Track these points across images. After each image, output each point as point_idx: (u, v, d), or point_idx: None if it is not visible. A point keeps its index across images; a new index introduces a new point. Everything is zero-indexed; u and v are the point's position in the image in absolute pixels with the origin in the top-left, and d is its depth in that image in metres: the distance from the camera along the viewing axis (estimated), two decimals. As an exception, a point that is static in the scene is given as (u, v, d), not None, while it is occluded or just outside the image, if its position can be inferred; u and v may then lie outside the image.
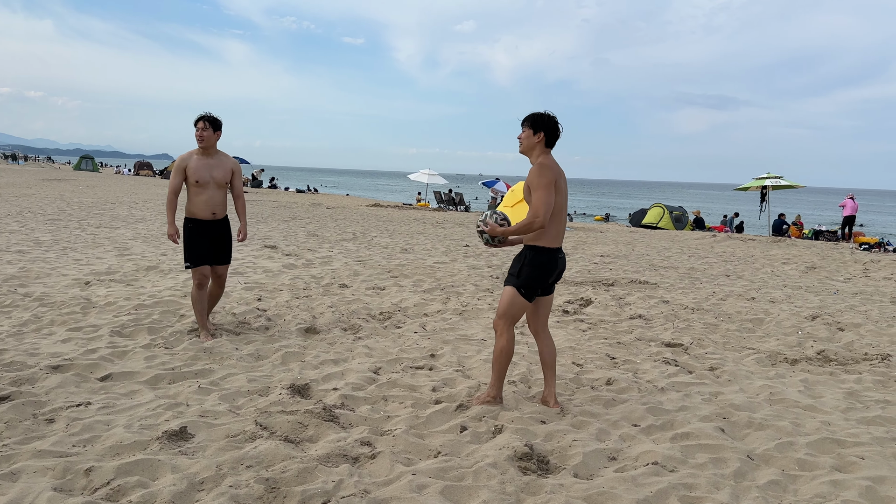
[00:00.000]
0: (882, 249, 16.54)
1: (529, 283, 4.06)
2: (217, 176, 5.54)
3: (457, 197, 32.22)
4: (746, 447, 3.78)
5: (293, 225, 16.61)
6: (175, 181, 5.49)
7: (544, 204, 3.86)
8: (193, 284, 5.60)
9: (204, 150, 5.54)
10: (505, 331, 4.12)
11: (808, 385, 5.00)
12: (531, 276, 4.04)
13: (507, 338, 4.13)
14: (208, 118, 5.52)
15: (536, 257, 4.03)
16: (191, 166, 5.46)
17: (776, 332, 6.70)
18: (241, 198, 5.90)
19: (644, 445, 3.73)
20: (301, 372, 4.85)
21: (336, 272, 9.28)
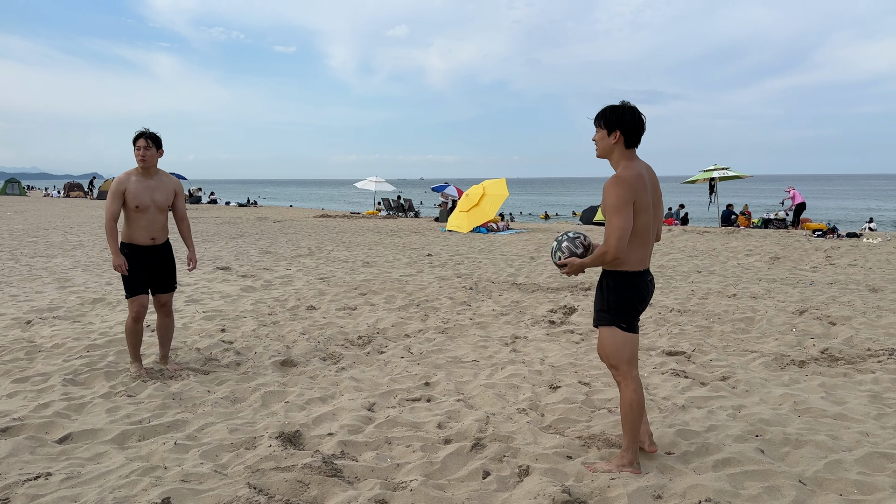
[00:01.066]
0: (835, 235, 16.81)
1: (625, 312, 3.36)
2: (159, 199, 5.03)
3: (406, 203, 31.74)
4: (794, 470, 3.47)
5: (242, 242, 15.86)
6: (114, 206, 4.92)
7: (617, 231, 3.16)
8: (129, 317, 5.07)
9: (144, 171, 5.00)
10: (627, 378, 3.39)
11: (827, 390, 4.75)
12: (623, 304, 3.35)
13: (634, 387, 3.39)
14: (149, 135, 4.97)
15: (623, 284, 3.34)
16: (130, 190, 4.91)
17: (771, 332, 6.48)
18: (186, 220, 5.36)
19: (688, 478, 3.37)
20: (287, 415, 4.33)
21: (300, 293, 8.72)
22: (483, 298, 8.39)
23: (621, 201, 3.19)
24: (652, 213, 3.35)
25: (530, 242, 16.19)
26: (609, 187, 3.25)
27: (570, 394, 4.67)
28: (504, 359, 5.62)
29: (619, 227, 3.17)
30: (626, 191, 3.21)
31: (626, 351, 3.40)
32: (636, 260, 3.33)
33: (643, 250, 3.34)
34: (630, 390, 3.39)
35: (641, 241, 3.32)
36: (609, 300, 3.38)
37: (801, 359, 5.52)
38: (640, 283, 3.36)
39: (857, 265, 11.42)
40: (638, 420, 3.41)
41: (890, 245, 14.77)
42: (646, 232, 3.33)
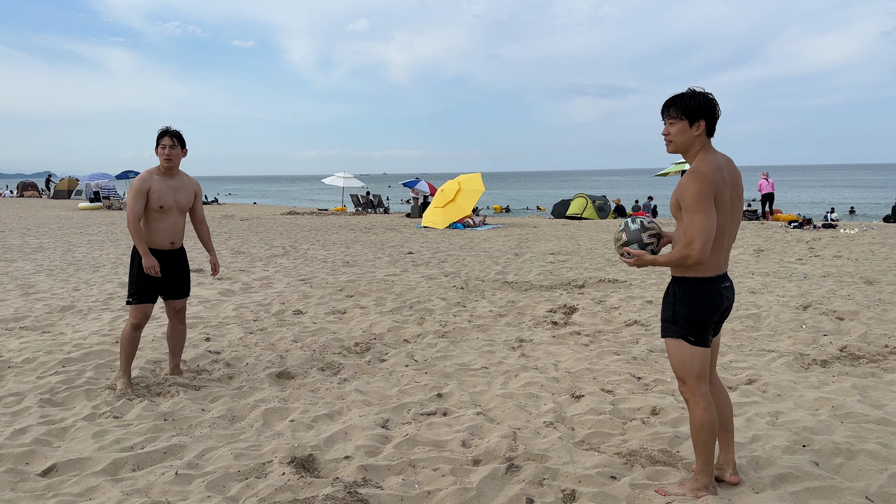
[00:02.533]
0: (812, 226, 16.92)
1: (694, 324, 3.00)
2: (181, 200, 4.79)
3: (375, 199, 31.27)
4: (857, 485, 3.22)
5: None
6: (138, 206, 4.63)
7: (703, 231, 2.79)
8: (129, 323, 4.73)
9: (167, 171, 4.75)
10: (696, 396, 3.04)
11: (861, 392, 4.55)
12: (693, 316, 2.99)
13: (703, 405, 3.03)
14: (175, 133, 4.73)
15: (692, 292, 2.99)
16: (154, 189, 4.65)
17: (782, 329, 6.30)
18: (205, 223, 5.12)
19: (749, 499, 3.10)
20: (294, 436, 3.96)
21: (283, 296, 8.29)
22: (477, 298, 8.08)
23: (703, 197, 2.82)
24: (730, 213, 2.99)
25: (510, 238, 15.93)
26: (687, 183, 2.88)
27: (596, 403, 4.38)
28: (515, 365, 5.32)
29: (704, 227, 2.80)
30: (708, 185, 2.84)
31: (694, 366, 3.02)
32: (711, 264, 2.97)
33: (718, 254, 2.98)
34: (700, 409, 3.04)
35: (718, 243, 2.97)
36: (676, 310, 3.03)
37: (823, 358, 5.33)
38: (714, 291, 2.99)
39: (842, 256, 11.41)
40: (710, 440, 3.06)
41: (868, 235, 14.88)
42: (722, 235, 2.97)
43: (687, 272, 3.00)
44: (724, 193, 2.91)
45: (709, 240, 2.81)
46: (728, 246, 3.05)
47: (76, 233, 17.94)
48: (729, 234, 3.03)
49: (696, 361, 3.03)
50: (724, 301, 3.04)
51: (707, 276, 2.99)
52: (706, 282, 2.99)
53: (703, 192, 2.83)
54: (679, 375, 3.09)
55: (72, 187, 44.50)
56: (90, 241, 15.67)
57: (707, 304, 2.99)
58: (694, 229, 2.82)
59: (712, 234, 2.82)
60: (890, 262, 10.62)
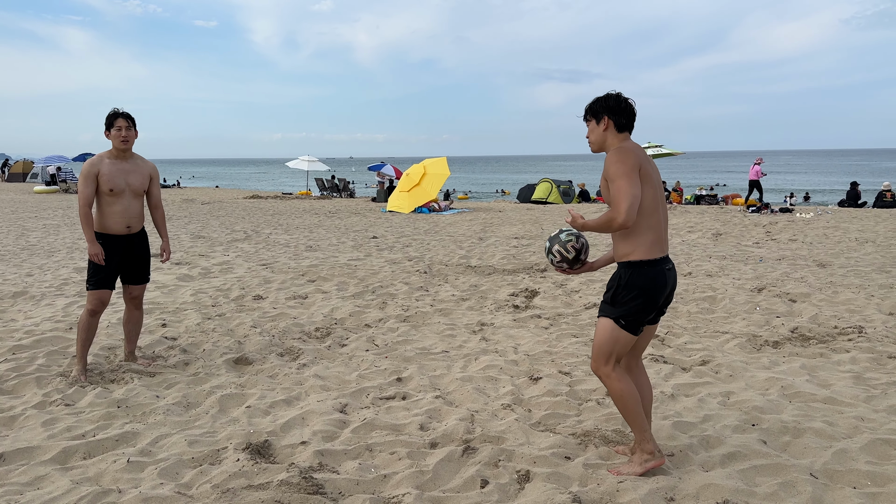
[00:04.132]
0: (769, 210, 17.26)
1: (631, 311, 3.05)
2: (134, 183, 4.67)
3: (340, 183, 30.98)
4: (802, 462, 3.32)
5: (171, 226, 15.01)
6: (88, 191, 4.53)
7: (627, 195, 2.86)
8: (86, 309, 4.68)
9: (120, 153, 4.64)
10: (611, 374, 3.12)
11: (809, 371, 4.67)
12: (632, 302, 3.05)
13: (617, 377, 3.11)
14: (127, 115, 4.63)
15: (636, 276, 3.03)
16: (104, 172, 4.55)
17: (736, 310, 6.43)
18: (160, 208, 4.97)
19: (698, 477, 3.17)
20: (251, 422, 3.92)
21: (243, 281, 8.19)
22: (440, 283, 8.08)
23: (627, 167, 2.95)
24: (658, 191, 3.08)
25: (475, 222, 15.95)
26: (610, 156, 3.02)
27: (553, 385, 4.43)
28: (475, 348, 5.34)
29: (628, 191, 2.89)
30: (630, 157, 2.98)
31: (616, 348, 3.11)
32: (649, 243, 3.03)
33: (655, 232, 3.05)
34: (614, 381, 3.13)
35: (651, 221, 3.03)
36: (618, 293, 3.08)
37: (774, 339, 5.46)
38: (657, 273, 3.04)
39: (797, 240, 11.67)
40: (636, 408, 3.14)
41: (823, 220, 15.25)
42: (655, 210, 3.05)
43: (632, 255, 3.05)
44: (647, 168, 3.02)
45: (633, 204, 2.88)
46: (663, 226, 3.11)
47: (31, 217, 17.47)
48: (663, 215, 3.11)
49: (619, 345, 3.11)
50: (668, 284, 3.09)
51: (651, 259, 3.04)
52: (651, 264, 3.04)
53: (624, 161, 2.96)
54: (596, 354, 3.15)
55: (27, 170, 43.25)
56: (45, 225, 15.28)
57: (652, 290, 3.04)
58: (619, 194, 2.91)
59: (637, 199, 2.90)
60: (842, 246, 10.91)
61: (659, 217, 3.07)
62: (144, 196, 4.84)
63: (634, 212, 2.89)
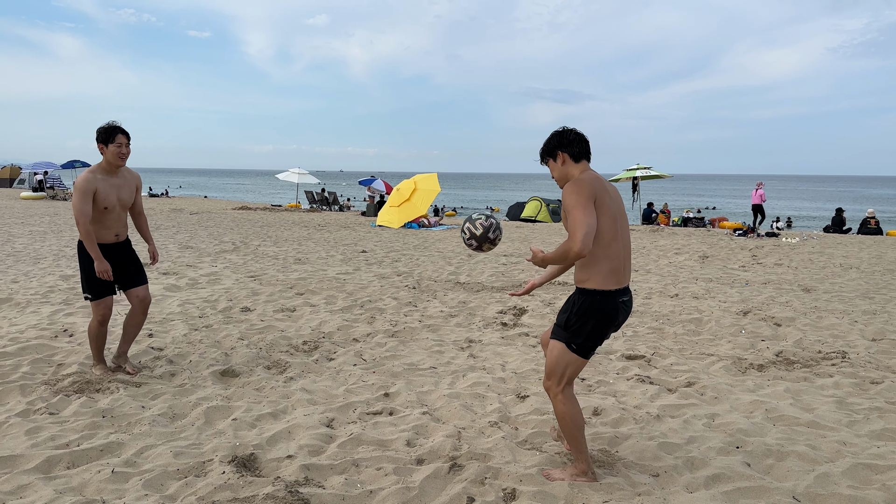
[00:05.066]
0: (755, 235, 17.42)
1: (584, 337, 3.15)
2: (124, 197, 4.78)
3: (330, 196, 31.01)
4: (786, 485, 3.35)
5: (159, 236, 14.95)
6: (87, 208, 4.57)
7: (582, 225, 2.91)
8: (94, 320, 4.76)
9: (112, 169, 4.71)
10: (559, 395, 3.23)
11: (794, 395, 4.71)
12: (584, 329, 3.14)
13: (563, 400, 3.23)
14: (126, 131, 4.71)
15: (588, 304, 3.12)
16: (99, 190, 4.61)
17: (722, 333, 6.48)
18: (143, 214, 5.08)
19: (683, 498, 3.19)
20: (237, 434, 3.91)
21: (231, 292, 8.16)
22: (428, 298, 8.10)
23: (582, 197, 3.01)
24: (618, 222, 3.15)
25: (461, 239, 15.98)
26: (567, 187, 3.09)
27: (540, 404, 4.44)
28: (463, 365, 5.35)
29: (583, 221, 2.94)
30: (585, 187, 3.05)
31: (567, 371, 3.22)
32: (605, 273, 3.11)
33: (612, 262, 3.11)
34: (560, 403, 3.25)
35: (608, 251, 3.10)
36: (570, 318, 3.18)
37: (759, 362, 5.51)
38: (610, 304, 3.12)
39: (783, 265, 11.79)
40: (577, 431, 3.26)
41: (808, 245, 15.41)
42: (612, 240, 3.11)
43: (587, 282, 3.13)
44: (604, 199, 3.08)
45: (588, 233, 2.92)
46: (624, 257, 3.16)
47: (17, 223, 17.34)
48: (623, 245, 3.16)
49: (571, 368, 3.21)
50: (620, 315, 3.18)
51: (606, 290, 3.12)
52: (605, 294, 3.12)
53: (580, 192, 3.02)
54: (548, 373, 3.26)
55: (14, 175, 42.96)
56: (32, 231, 15.16)
57: (604, 320, 3.13)
58: (575, 224, 2.96)
59: (592, 229, 2.94)
60: (827, 271, 11.03)
61: (618, 248, 3.12)
62: None
63: (590, 241, 2.93)
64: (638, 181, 24.86)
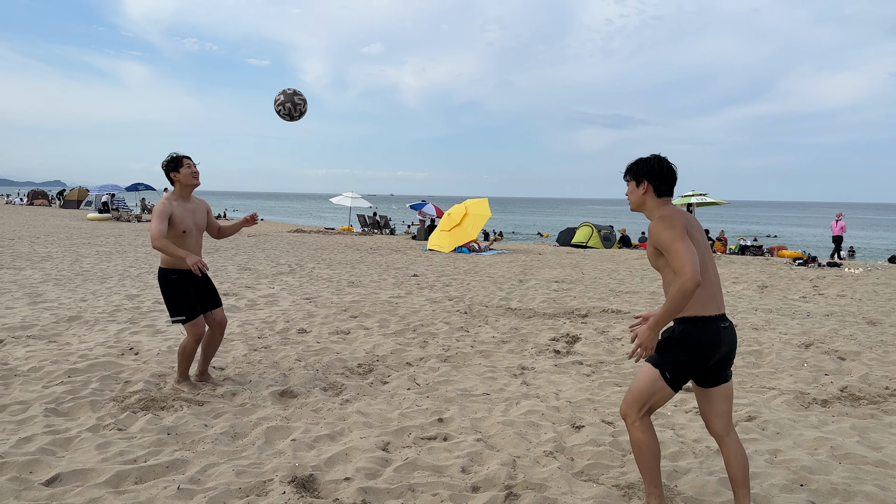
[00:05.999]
0: (816, 264, 16.93)
1: (679, 366, 3.03)
2: (199, 221, 5.05)
3: (382, 220, 31.40)
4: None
5: (218, 257, 15.38)
6: (163, 226, 4.79)
7: (687, 257, 2.84)
8: (189, 339, 5.02)
9: (186, 191, 4.97)
10: (638, 422, 3.10)
11: (860, 433, 4.56)
12: (682, 358, 3.02)
13: (642, 429, 3.09)
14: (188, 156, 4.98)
15: (688, 331, 3.02)
16: (176, 214, 4.88)
17: (783, 366, 6.32)
18: (219, 225, 5.39)
19: (745, 536, 3.12)
20: (296, 455, 3.99)
21: (288, 314, 8.35)
22: (480, 324, 8.12)
23: (676, 231, 2.94)
24: (705, 251, 3.10)
25: (515, 264, 15.98)
26: (657, 224, 3.02)
27: (596, 434, 4.41)
28: (517, 392, 5.35)
29: (687, 251, 2.87)
30: (677, 222, 2.99)
31: (653, 399, 3.08)
32: (704, 300, 3.02)
33: (708, 289, 3.04)
34: (636, 429, 3.11)
35: (705, 278, 3.04)
36: (669, 343, 3.08)
37: (823, 397, 5.35)
38: (711, 330, 3.02)
39: (846, 296, 11.42)
40: (652, 465, 3.12)
41: (873, 275, 14.89)
42: (705, 269, 3.05)
43: (687, 311, 3.03)
44: (692, 232, 3.07)
45: (696, 262, 2.85)
46: (716, 283, 3.10)
47: (85, 243, 18.07)
48: (714, 273, 3.11)
49: (657, 397, 3.08)
50: (724, 342, 3.05)
51: (707, 315, 3.02)
52: (706, 320, 3.02)
53: (674, 227, 2.96)
54: (631, 399, 3.12)
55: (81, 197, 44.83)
56: (98, 251, 15.78)
57: (704, 347, 3.01)
58: (679, 257, 2.88)
59: (696, 258, 2.87)
60: (893, 304, 10.63)
61: (710, 275, 3.07)
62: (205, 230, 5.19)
63: (699, 269, 2.86)
64: (693, 208, 24.48)
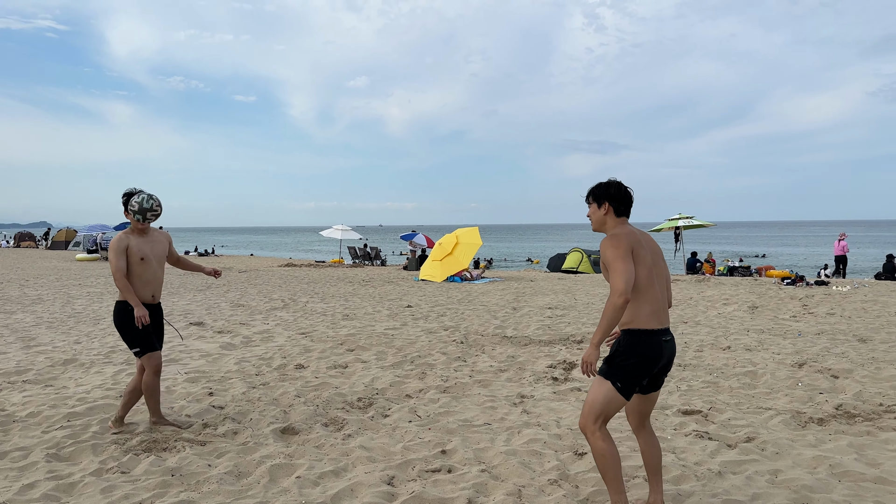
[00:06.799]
0: (804, 283, 17.11)
1: (627, 375, 3.29)
2: (158, 251, 5.20)
3: (372, 251, 31.46)
4: (857, 544, 3.30)
5: (210, 294, 15.36)
6: (122, 262, 4.97)
7: (622, 275, 3.16)
8: (149, 373, 5.06)
9: (142, 232, 5.14)
10: (597, 432, 3.32)
11: (857, 450, 4.62)
12: (629, 367, 3.29)
13: (602, 438, 3.31)
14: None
15: (632, 343, 3.29)
16: (132, 244, 5.04)
17: (778, 386, 6.39)
18: (182, 257, 5.55)
19: (751, 557, 3.17)
20: (301, 492, 4.00)
21: (284, 350, 8.35)
22: (477, 353, 8.16)
23: (620, 251, 3.24)
24: (654, 272, 3.36)
25: (507, 291, 16.05)
26: (605, 242, 3.34)
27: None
28: (518, 421, 5.39)
29: (623, 269, 3.18)
30: (622, 241, 3.27)
31: (607, 408, 3.31)
32: (647, 315, 3.30)
33: (652, 306, 3.31)
34: (598, 440, 3.32)
35: (647, 296, 3.31)
36: (615, 355, 3.33)
37: (819, 416, 5.42)
38: (654, 342, 3.29)
39: (835, 314, 11.55)
40: (614, 472, 3.33)
41: (860, 293, 15.06)
42: (650, 287, 3.32)
43: (631, 323, 3.29)
44: (641, 252, 3.31)
45: (629, 280, 3.16)
46: (662, 300, 3.36)
47: (75, 284, 17.99)
48: (660, 289, 3.37)
49: (611, 406, 3.32)
50: (664, 354, 3.34)
51: (647, 329, 3.28)
52: (650, 333, 3.29)
53: (617, 247, 3.25)
54: (587, 411, 3.34)
55: (69, 238, 44.65)
56: (89, 292, 15.72)
57: (647, 356, 3.27)
58: (615, 275, 3.19)
59: (631, 276, 3.17)
60: (882, 320, 10.77)
61: (655, 292, 3.32)
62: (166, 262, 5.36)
63: (630, 287, 3.16)
64: (681, 231, 24.71)
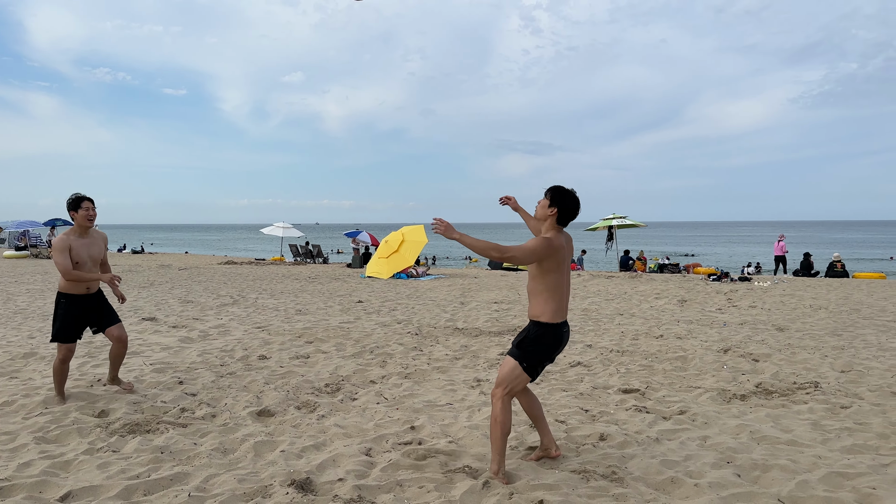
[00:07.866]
0: (729, 279, 18.25)
1: (533, 358, 4.02)
2: (94, 254, 5.61)
3: (314, 249, 31.52)
4: (771, 491, 3.92)
5: (155, 291, 15.32)
6: (67, 261, 5.44)
7: (523, 250, 3.82)
8: (58, 358, 5.59)
9: (84, 230, 5.54)
10: (500, 399, 4.02)
11: (774, 420, 5.31)
12: (535, 352, 4.01)
13: (502, 408, 4.00)
14: (90, 198, 5.57)
15: (541, 333, 3.98)
16: (73, 248, 5.47)
17: (706, 369, 7.10)
18: (107, 265, 5.96)
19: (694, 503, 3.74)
20: (288, 463, 4.39)
21: (243, 343, 8.62)
22: (432, 343, 8.63)
23: (541, 249, 3.86)
24: (565, 273, 4.01)
25: (454, 288, 16.58)
26: (537, 238, 3.94)
27: (552, 432, 4.97)
28: (477, 401, 5.88)
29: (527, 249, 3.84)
30: (548, 248, 3.88)
31: (514, 384, 4.03)
32: (554, 311, 3.96)
33: (558, 303, 3.96)
34: (498, 409, 4.00)
35: (556, 295, 3.96)
36: (525, 342, 4.00)
37: (741, 393, 6.12)
38: (558, 333, 3.99)
39: (757, 307, 12.53)
40: (500, 438, 4.00)
41: (779, 288, 16.25)
42: (560, 287, 3.97)
43: (541, 317, 3.97)
44: (559, 260, 3.94)
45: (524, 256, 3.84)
46: (566, 297, 4.02)
47: (11, 282, 17.58)
48: (567, 289, 4.03)
49: (517, 381, 4.04)
50: (563, 341, 4.06)
51: (557, 322, 3.97)
52: (556, 326, 3.99)
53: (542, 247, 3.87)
54: (498, 383, 4.06)
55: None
56: (29, 290, 15.44)
57: (551, 344, 4.00)
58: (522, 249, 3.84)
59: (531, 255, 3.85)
60: (798, 312, 11.78)
61: (563, 292, 4.00)
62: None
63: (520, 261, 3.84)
64: (614, 230, 25.80)
